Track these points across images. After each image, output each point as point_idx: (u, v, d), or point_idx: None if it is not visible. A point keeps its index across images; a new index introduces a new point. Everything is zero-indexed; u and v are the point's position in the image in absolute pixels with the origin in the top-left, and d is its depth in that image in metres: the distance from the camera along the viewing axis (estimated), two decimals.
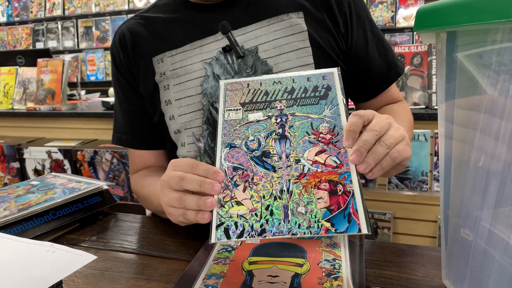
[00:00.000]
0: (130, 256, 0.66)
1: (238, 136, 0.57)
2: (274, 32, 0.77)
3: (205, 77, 0.77)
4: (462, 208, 0.50)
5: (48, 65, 2.29)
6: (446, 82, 0.48)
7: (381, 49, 0.84)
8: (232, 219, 0.50)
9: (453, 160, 0.49)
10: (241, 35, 0.77)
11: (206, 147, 0.78)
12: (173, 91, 0.79)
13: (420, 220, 1.74)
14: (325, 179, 0.50)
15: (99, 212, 0.84)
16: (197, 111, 0.78)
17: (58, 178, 0.88)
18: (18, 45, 3.67)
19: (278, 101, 0.61)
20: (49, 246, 0.53)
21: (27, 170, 2.20)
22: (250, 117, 0.59)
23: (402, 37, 2.83)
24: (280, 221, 0.48)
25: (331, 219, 0.47)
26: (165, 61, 0.80)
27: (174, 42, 0.80)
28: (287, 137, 0.56)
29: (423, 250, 0.64)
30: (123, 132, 0.88)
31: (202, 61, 0.78)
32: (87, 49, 3.49)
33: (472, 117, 0.44)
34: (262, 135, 0.57)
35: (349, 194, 0.49)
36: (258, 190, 0.52)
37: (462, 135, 0.47)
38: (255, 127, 0.58)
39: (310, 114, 0.57)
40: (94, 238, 0.74)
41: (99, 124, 2.16)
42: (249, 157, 0.55)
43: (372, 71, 0.84)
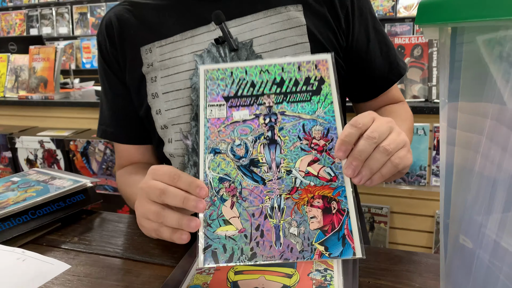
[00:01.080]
0: (112, 261, 0.63)
1: (223, 140, 0.53)
2: (271, 25, 0.72)
3: (195, 70, 0.73)
4: (464, 218, 0.46)
5: (40, 52, 2.23)
6: (450, 82, 0.44)
7: (383, 47, 0.80)
8: (220, 241, 0.46)
9: (455, 166, 0.46)
10: (235, 26, 0.73)
11: (194, 145, 0.74)
12: (160, 83, 0.75)
13: (418, 215, 1.71)
14: (318, 194, 0.47)
15: (83, 210, 0.80)
16: (185, 106, 0.74)
17: (40, 174, 0.84)
18: (12, 31, 3.60)
19: (266, 96, 0.55)
20: (20, 254, 0.49)
21: (19, 159, 2.16)
22: (235, 116, 0.54)
23: (402, 27, 2.77)
24: (272, 244, 0.45)
25: (324, 241, 0.44)
26: (153, 52, 0.76)
27: (164, 31, 0.76)
28: (277, 142, 0.51)
29: (420, 257, 0.61)
30: (108, 124, 0.84)
31: (193, 53, 0.73)
32: (82, 36, 3.42)
33: (477, 122, 0.40)
34: (250, 138, 0.52)
35: (344, 212, 0.46)
36: (247, 207, 0.48)
37: (465, 140, 0.43)
38: (242, 129, 0.53)
39: (302, 114, 0.53)
40: (75, 239, 0.70)
41: (92, 114, 2.11)
42: (236, 166, 0.51)
43: (372, 70, 0.80)
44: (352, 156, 0.47)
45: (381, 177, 0.49)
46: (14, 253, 0.49)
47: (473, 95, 0.43)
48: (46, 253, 0.65)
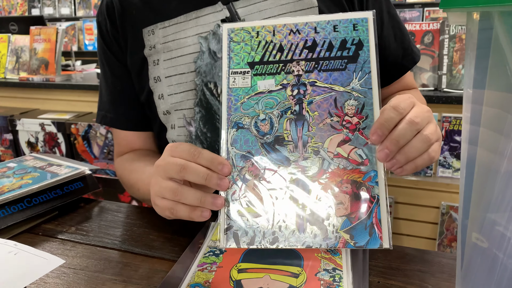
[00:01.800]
0: (110, 253, 0.60)
1: (247, 113, 0.48)
2: (281, 6, 0.68)
3: (199, 53, 0.69)
4: (484, 218, 0.43)
5: (41, 33, 2.19)
6: (475, 73, 0.40)
7: (397, 33, 0.76)
8: (242, 223, 0.44)
9: (477, 166, 0.42)
10: (243, 7, 0.69)
11: (198, 131, 0.71)
12: (163, 67, 0.71)
13: (423, 206, 1.68)
14: (347, 178, 0.44)
15: (81, 198, 0.78)
16: (189, 91, 0.70)
17: (37, 160, 0.81)
18: (13, 11, 3.54)
19: (295, 62, 0.50)
20: (12, 246, 0.47)
21: (20, 142, 2.14)
22: (260, 86, 0.49)
23: (412, 13, 2.71)
24: (294, 229, 0.43)
25: (350, 230, 0.42)
26: (156, 33, 0.72)
27: (167, 12, 0.72)
28: (305, 118, 0.47)
29: (433, 256, 0.58)
30: (108, 110, 0.81)
31: (197, 34, 0.69)
32: (84, 17, 3.37)
33: (506, 120, 0.36)
34: (275, 113, 0.48)
35: (373, 200, 0.43)
36: (270, 188, 0.45)
37: (490, 141, 0.39)
38: (267, 101, 0.48)
39: (334, 86, 0.47)
40: (73, 229, 0.68)
41: (94, 97, 2.08)
42: (260, 143, 0.47)
43: (386, 57, 0.76)
44: (389, 139, 0.43)
45: (414, 168, 0.45)
46: (5, 246, 0.47)
47: (500, 86, 0.40)
48: (41, 243, 0.62)
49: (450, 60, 1.58)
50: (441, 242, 1.66)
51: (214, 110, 0.69)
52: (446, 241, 1.65)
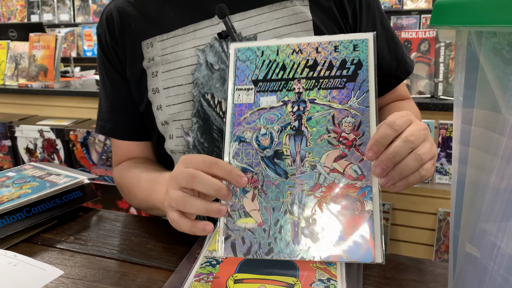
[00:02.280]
0: (108, 262, 0.61)
1: (249, 128, 0.50)
2: (276, 20, 0.70)
3: (197, 65, 0.71)
4: (475, 228, 0.44)
5: (40, 40, 2.20)
6: (465, 89, 0.41)
7: (390, 44, 0.77)
8: (240, 233, 0.46)
9: (467, 178, 0.43)
10: (239, 20, 0.70)
11: (195, 141, 0.72)
12: (161, 78, 0.72)
13: (420, 212, 1.69)
14: (342, 193, 0.45)
15: (80, 207, 0.78)
16: (186, 102, 0.71)
17: (36, 169, 0.82)
18: (12, 17, 3.56)
19: (296, 80, 0.51)
20: (12, 257, 0.47)
21: (19, 148, 2.14)
22: (262, 102, 0.51)
23: (409, 20, 2.73)
24: (289, 242, 0.44)
25: (344, 243, 0.43)
26: (154, 46, 0.73)
27: (165, 25, 0.73)
28: (303, 133, 0.49)
29: (427, 265, 0.59)
30: (107, 120, 0.82)
31: (195, 47, 0.71)
32: (83, 23, 3.38)
33: (493, 141, 0.37)
34: (276, 128, 0.50)
35: (367, 215, 0.44)
36: (268, 200, 0.46)
37: (479, 159, 0.40)
38: (268, 116, 0.50)
39: (333, 103, 0.49)
40: (71, 238, 0.68)
41: (92, 103, 2.09)
42: (260, 157, 0.49)
43: (380, 67, 0.77)
44: (385, 155, 0.45)
45: (406, 185, 0.47)
46: (5, 257, 0.48)
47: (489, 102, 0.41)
48: (40, 253, 0.63)
49: (446, 68, 1.60)
50: (439, 248, 1.66)
51: (211, 120, 0.70)
52: (444, 248, 1.66)
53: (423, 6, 2.70)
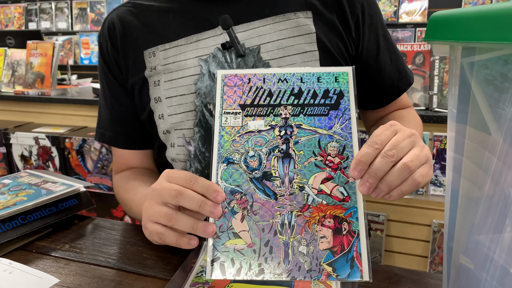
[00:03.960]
0: (103, 271, 0.61)
1: (237, 149, 0.51)
2: (279, 31, 0.70)
3: (200, 75, 0.71)
4: (468, 240, 0.45)
5: (38, 47, 2.20)
6: (458, 102, 0.42)
7: (392, 56, 0.78)
8: (229, 254, 0.46)
9: (461, 190, 0.44)
10: (242, 31, 0.71)
11: (196, 151, 0.73)
12: (163, 88, 0.73)
13: (414, 224, 1.70)
14: (330, 214, 0.47)
15: (75, 215, 0.78)
16: (188, 112, 0.72)
17: (32, 176, 0.82)
18: (10, 25, 3.56)
19: (283, 107, 0.54)
20: (7, 265, 0.47)
21: (14, 155, 2.13)
22: (250, 126, 0.53)
23: (404, 33, 2.76)
24: (280, 262, 0.45)
25: (333, 262, 0.44)
26: (157, 55, 0.73)
27: (168, 34, 0.74)
28: (291, 156, 0.50)
29: (421, 276, 0.59)
30: (106, 128, 0.82)
31: (198, 57, 0.71)
32: (81, 32, 3.39)
33: (485, 156, 0.38)
34: (264, 150, 0.51)
35: (354, 234, 0.45)
36: (257, 221, 0.47)
37: (472, 172, 0.41)
38: (256, 139, 0.52)
39: (318, 129, 0.51)
40: (66, 246, 0.68)
41: (89, 111, 2.09)
42: (249, 178, 0.50)
43: (382, 79, 0.78)
44: (368, 173, 0.46)
45: (401, 193, 0.48)
46: (0, 264, 0.48)
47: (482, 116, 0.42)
48: (35, 261, 0.63)
49: (441, 81, 1.62)
50: (433, 260, 1.67)
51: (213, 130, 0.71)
52: (438, 259, 1.66)
53: (418, 19, 2.73)
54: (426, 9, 2.73)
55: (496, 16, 0.33)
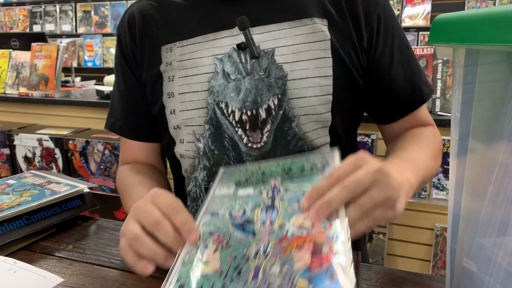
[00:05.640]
0: (106, 271, 0.61)
1: (224, 207, 0.54)
2: (295, 36, 0.70)
3: (214, 74, 0.72)
4: (472, 243, 0.45)
5: (42, 50, 2.22)
6: (462, 105, 0.42)
7: (406, 71, 0.76)
8: (192, 277, 0.44)
9: (464, 193, 0.44)
10: (258, 34, 0.71)
11: (206, 148, 0.73)
12: (177, 83, 0.74)
13: (417, 227, 1.69)
14: (309, 240, 0.44)
15: (79, 216, 0.79)
16: (200, 109, 0.73)
17: (37, 177, 0.82)
18: (14, 27, 3.58)
19: (273, 178, 0.57)
20: (11, 264, 0.48)
21: (17, 157, 2.14)
22: (240, 193, 0.56)
23: (407, 36, 2.76)
24: (247, 281, 0.42)
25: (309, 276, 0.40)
26: (174, 51, 0.75)
27: (186, 32, 0.75)
28: (275, 207, 0.51)
29: (424, 279, 0.59)
30: (118, 118, 0.84)
31: (213, 56, 0.72)
32: (85, 34, 3.41)
33: (488, 160, 0.38)
34: (249, 206, 0.52)
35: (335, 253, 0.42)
36: (230, 252, 0.46)
37: (475, 175, 0.41)
38: (244, 200, 0.54)
39: (304, 186, 0.53)
40: (70, 246, 0.69)
41: (92, 113, 2.10)
42: (230, 223, 0.50)
43: (393, 93, 0.76)
44: (321, 200, 0.47)
45: (353, 231, 0.47)
46: (5, 263, 0.48)
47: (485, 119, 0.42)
48: (39, 261, 0.63)
49: (444, 84, 1.62)
50: (435, 264, 1.66)
51: (223, 129, 0.71)
52: (440, 263, 1.66)
53: (421, 23, 2.74)
54: (429, 13, 2.73)
55: (499, 18, 0.33)
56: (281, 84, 0.68)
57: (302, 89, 0.68)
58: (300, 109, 0.69)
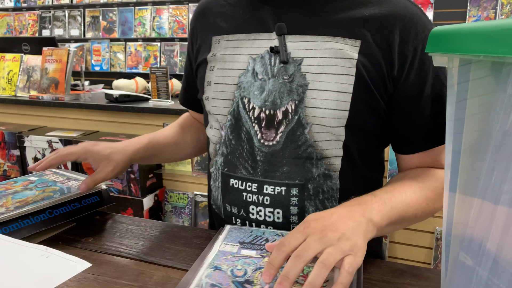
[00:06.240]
0: (125, 261, 0.66)
1: (227, 263, 0.59)
2: (324, 50, 0.73)
3: (245, 71, 0.77)
4: (465, 234, 0.49)
5: (53, 54, 2.27)
6: (456, 111, 0.47)
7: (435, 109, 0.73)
8: None
9: (458, 187, 0.48)
10: (292, 42, 0.75)
11: (225, 137, 0.79)
12: (215, 74, 0.80)
13: (418, 231, 1.73)
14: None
15: (96, 212, 0.83)
16: (227, 100, 0.78)
17: (57, 175, 0.87)
18: (24, 31, 3.65)
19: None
20: (43, 251, 0.52)
21: (27, 158, 2.19)
22: (243, 252, 0.62)
23: None
24: None
25: None
26: (220, 43, 0.81)
27: (234, 27, 0.81)
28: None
29: (422, 271, 0.63)
30: (181, 92, 1.01)
31: (249, 54, 0.78)
32: (93, 39, 3.47)
33: (478, 157, 0.43)
34: (251, 267, 0.58)
35: None
36: None
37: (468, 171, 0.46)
38: (246, 261, 0.59)
39: None
40: (90, 239, 0.73)
41: (100, 116, 2.15)
42: (231, 280, 0.55)
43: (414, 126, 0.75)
44: (280, 277, 0.51)
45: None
46: (38, 250, 0.52)
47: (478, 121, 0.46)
48: (62, 251, 0.67)
49: None
50: (436, 267, 1.70)
51: (242, 122, 0.76)
52: (440, 266, 1.69)
53: None
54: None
55: (487, 32, 0.38)
56: (301, 92, 0.72)
57: (319, 100, 0.71)
58: (314, 118, 0.72)
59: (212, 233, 0.75)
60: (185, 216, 2.09)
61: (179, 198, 2.09)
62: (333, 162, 0.73)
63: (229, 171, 0.78)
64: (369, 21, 0.72)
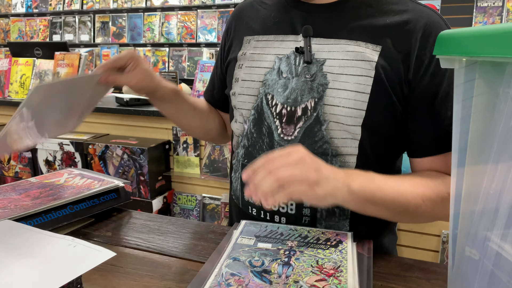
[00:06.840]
0: (144, 254, 0.69)
1: (245, 255, 0.62)
2: (346, 52, 0.76)
3: (270, 69, 0.81)
4: (470, 228, 0.51)
5: (65, 58, 2.32)
6: (462, 109, 0.50)
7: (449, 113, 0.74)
8: None
9: (464, 186, 0.51)
10: (317, 44, 0.79)
11: (248, 130, 0.83)
12: (243, 72, 0.85)
13: (424, 234, 1.75)
14: None
15: (113, 208, 0.86)
16: (252, 96, 0.83)
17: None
18: (35, 37, 3.72)
19: (290, 241, 0.67)
20: (70, 241, 0.55)
21: (39, 160, 2.23)
22: (260, 245, 0.65)
23: None
24: None
25: None
26: (250, 43, 0.86)
27: (264, 29, 0.86)
28: (291, 265, 0.59)
29: (429, 266, 0.66)
30: (208, 87, 1.04)
31: (276, 54, 0.82)
32: (102, 44, 3.53)
33: (483, 156, 0.45)
34: (268, 259, 0.61)
35: None
36: None
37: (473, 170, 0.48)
38: (263, 253, 0.63)
39: (318, 254, 0.62)
40: (109, 234, 0.76)
41: (111, 119, 2.19)
42: (250, 270, 0.58)
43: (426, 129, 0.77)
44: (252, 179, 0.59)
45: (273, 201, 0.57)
46: (65, 240, 0.55)
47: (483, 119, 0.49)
48: None
49: None
50: None
51: (265, 116, 0.80)
52: None
53: None
54: None
55: (491, 35, 0.41)
56: (321, 90, 0.76)
57: (337, 99, 0.74)
58: (331, 115, 0.75)
59: (226, 229, 0.78)
60: (193, 218, 2.12)
61: (187, 200, 2.12)
62: (348, 160, 0.75)
63: (248, 163, 0.82)
64: (391, 29, 0.75)
